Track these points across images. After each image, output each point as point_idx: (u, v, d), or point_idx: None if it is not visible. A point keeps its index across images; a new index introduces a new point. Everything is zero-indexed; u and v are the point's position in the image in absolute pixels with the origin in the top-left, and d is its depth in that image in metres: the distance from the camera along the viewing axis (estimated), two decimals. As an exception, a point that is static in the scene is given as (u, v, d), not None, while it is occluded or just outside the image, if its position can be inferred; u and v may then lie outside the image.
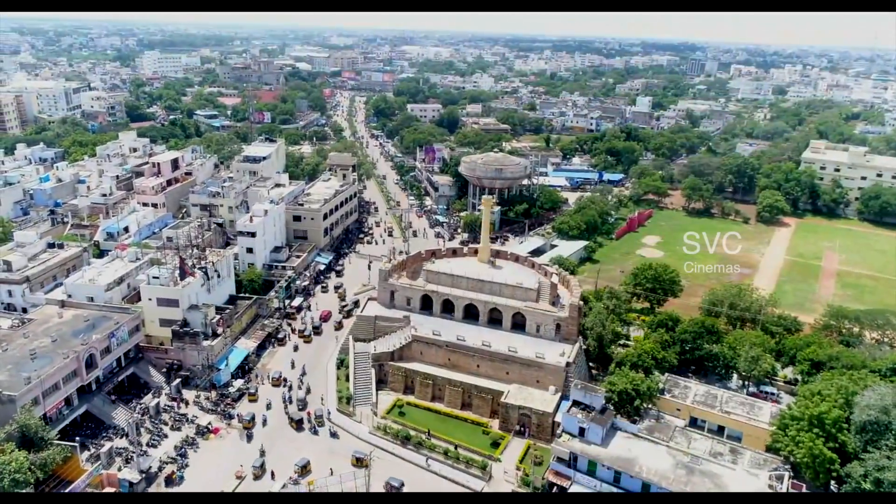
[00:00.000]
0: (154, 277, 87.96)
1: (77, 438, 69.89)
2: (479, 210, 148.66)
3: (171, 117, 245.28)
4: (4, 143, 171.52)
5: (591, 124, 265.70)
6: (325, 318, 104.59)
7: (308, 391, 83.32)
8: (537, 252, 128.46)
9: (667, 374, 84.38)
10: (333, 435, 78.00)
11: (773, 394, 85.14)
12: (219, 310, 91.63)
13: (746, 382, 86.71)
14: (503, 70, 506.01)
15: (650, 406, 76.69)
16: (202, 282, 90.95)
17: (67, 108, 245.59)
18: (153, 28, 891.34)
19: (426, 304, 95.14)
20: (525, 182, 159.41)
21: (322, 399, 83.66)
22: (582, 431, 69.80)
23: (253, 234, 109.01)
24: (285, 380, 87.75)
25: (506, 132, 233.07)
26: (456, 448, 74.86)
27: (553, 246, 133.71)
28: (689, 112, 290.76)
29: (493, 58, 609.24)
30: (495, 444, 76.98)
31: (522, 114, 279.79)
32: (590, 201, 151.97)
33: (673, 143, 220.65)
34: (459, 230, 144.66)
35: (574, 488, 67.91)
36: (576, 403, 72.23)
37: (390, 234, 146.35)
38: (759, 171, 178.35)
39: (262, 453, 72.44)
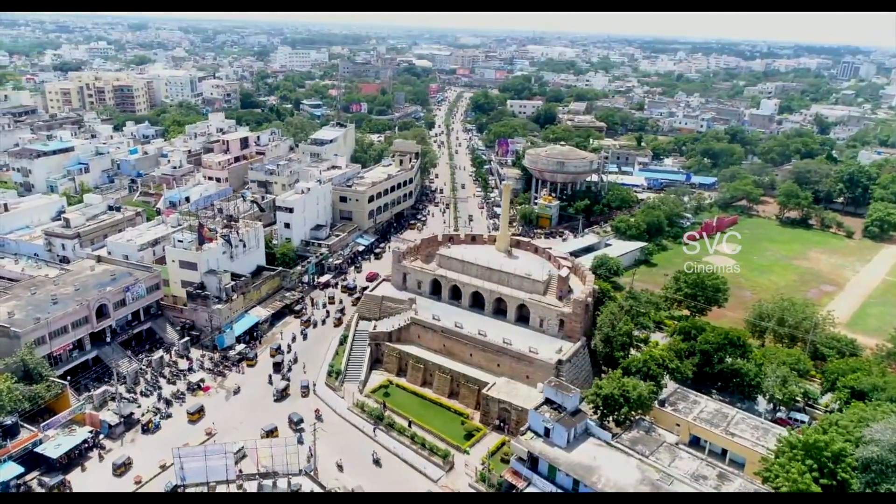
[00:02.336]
0: (179, 241, 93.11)
1: (68, 378, 75.37)
2: (536, 204, 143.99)
3: (275, 104, 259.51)
4: (117, 121, 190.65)
5: (702, 126, 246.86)
6: (371, 278, 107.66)
7: (289, 381, 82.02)
8: (589, 250, 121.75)
9: (677, 386, 76.40)
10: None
11: (802, 422, 73.95)
12: (238, 277, 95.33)
13: (777, 406, 76.14)
14: (628, 70, 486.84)
15: (642, 416, 69.80)
16: (223, 249, 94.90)
17: (192, 94, 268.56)
18: (300, 27, 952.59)
19: (436, 289, 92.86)
20: (593, 178, 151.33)
21: (304, 368, 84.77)
22: (547, 432, 64.72)
23: (290, 210, 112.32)
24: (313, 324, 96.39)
25: (600, 130, 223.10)
26: (410, 424, 73.25)
27: (608, 245, 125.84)
28: (818, 117, 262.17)
29: (621, 58, 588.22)
30: (469, 436, 73.52)
31: (626, 113, 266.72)
32: (660, 202, 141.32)
33: (786, 148, 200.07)
34: (515, 223, 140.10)
35: (530, 491, 63.05)
36: (548, 402, 67.11)
37: (448, 207, 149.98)
38: (876, 182, 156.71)
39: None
